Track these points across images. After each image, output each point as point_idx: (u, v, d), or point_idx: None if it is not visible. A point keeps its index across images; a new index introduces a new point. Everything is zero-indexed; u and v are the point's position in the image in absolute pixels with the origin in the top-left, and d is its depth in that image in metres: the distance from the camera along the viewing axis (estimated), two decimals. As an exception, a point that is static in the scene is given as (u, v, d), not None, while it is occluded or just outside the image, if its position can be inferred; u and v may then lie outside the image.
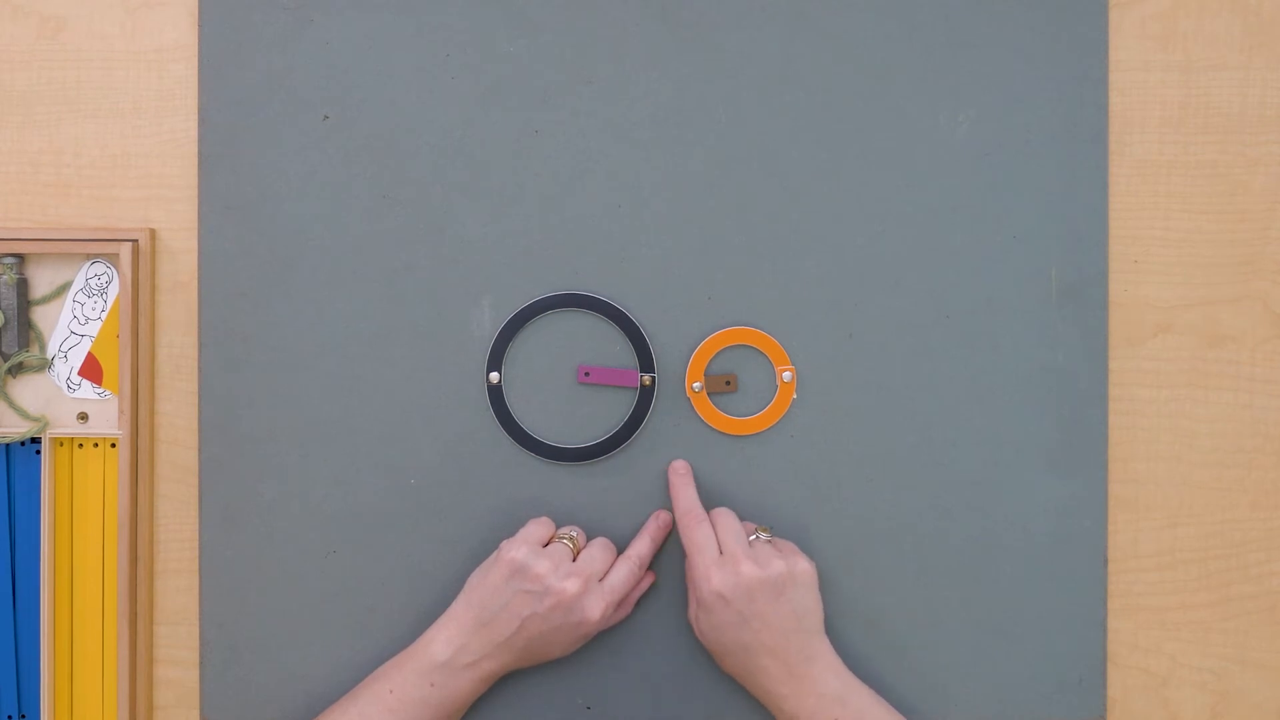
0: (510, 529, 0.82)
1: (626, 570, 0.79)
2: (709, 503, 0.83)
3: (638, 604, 0.83)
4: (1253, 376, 0.85)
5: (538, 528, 0.80)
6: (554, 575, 0.76)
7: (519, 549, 0.77)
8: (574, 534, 0.80)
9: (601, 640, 0.82)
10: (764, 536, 0.79)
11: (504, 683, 0.82)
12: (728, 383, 0.83)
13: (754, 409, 0.84)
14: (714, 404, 0.84)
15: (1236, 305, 0.85)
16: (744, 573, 0.76)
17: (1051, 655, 0.84)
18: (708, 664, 0.83)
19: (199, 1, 0.83)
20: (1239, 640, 0.85)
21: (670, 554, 0.83)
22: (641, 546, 0.81)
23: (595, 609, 0.77)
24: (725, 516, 0.80)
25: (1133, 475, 0.85)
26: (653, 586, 0.83)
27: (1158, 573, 0.85)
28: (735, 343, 0.83)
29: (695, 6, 0.84)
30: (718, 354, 0.83)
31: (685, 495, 0.80)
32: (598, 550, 0.79)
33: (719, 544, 0.78)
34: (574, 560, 0.78)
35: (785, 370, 0.83)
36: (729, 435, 0.83)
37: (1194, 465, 0.85)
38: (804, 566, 0.78)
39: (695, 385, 0.83)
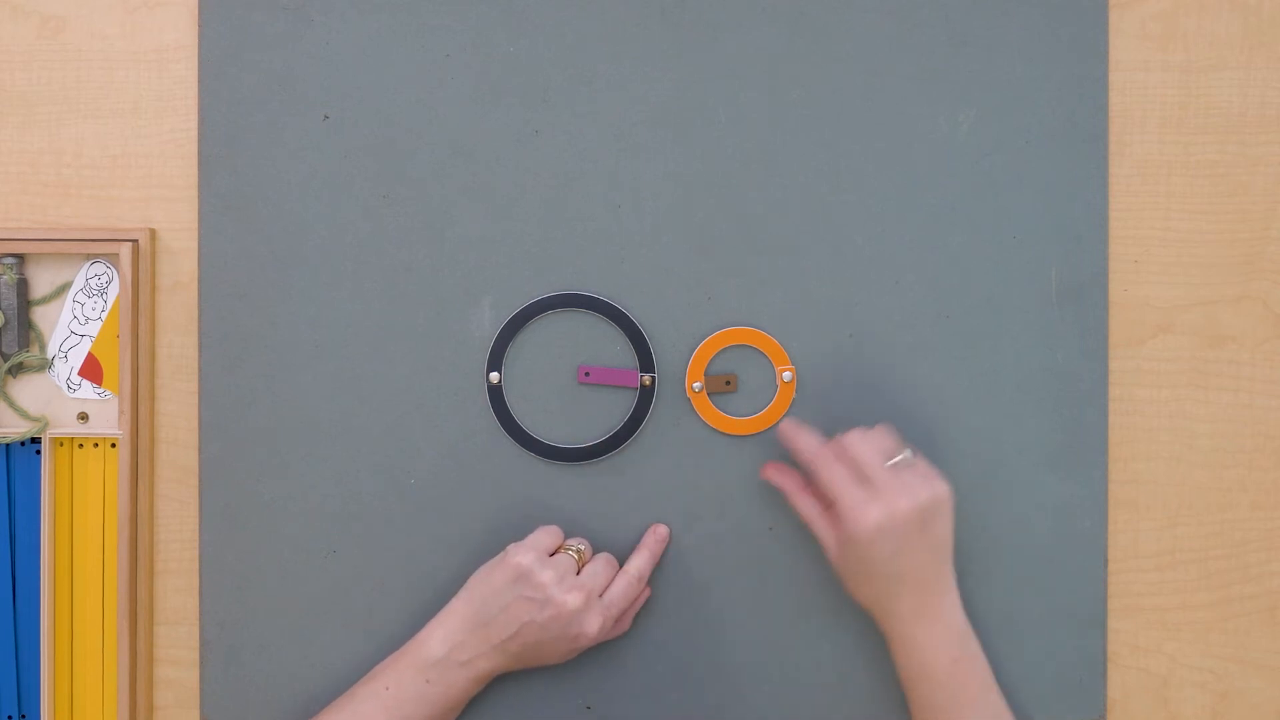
0: (510, 529, 0.82)
1: (625, 585, 0.79)
2: (707, 503, 0.83)
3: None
4: (1253, 376, 0.85)
5: (546, 536, 0.80)
6: (557, 586, 0.76)
7: (526, 554, 0.77)
8: (581, 546, 0.80)
9: (601, 642, 0.82)
10: (907, 456, 0.77)
11: (504, 683, 0.82)
12: (728, 383, 0.83)
13: (754, 409, 0.84)
14: (714, 404, 0.84)
15: (1236, 305, 0.85)
16: (899, 507, 0.74)
17: (1051, 655, 0.84)
18: (708, 664, 0.83)
19: (199, 1, 0.83)
20: (1239, 640, 0.85)
21: (666, 565, 0.83)
22: (640, 562, 0.81)
23: (593, 625, 0.77)
24: (863, 443, 0.77)
25: (1133, 475, 0.85)
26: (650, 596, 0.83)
27: (1158, 573, 0.85)
28: (735, 342, 0.83)
29: (695, 6, 0.84)
30: (718, 354, 0.83)
31: (806, 440, 0.78)
32: (601, 566, 0.79)
33: (863, 472, 0.76)
34: (578, 573, 0.78)
35: (785, 370, 0.83)
36: (729, 435, 0.83)
37: (1194, 465, 0.85)
38: (945, 490, 0.77)
39: (695, 385, 0.83)
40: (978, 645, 0.78)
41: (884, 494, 0.75)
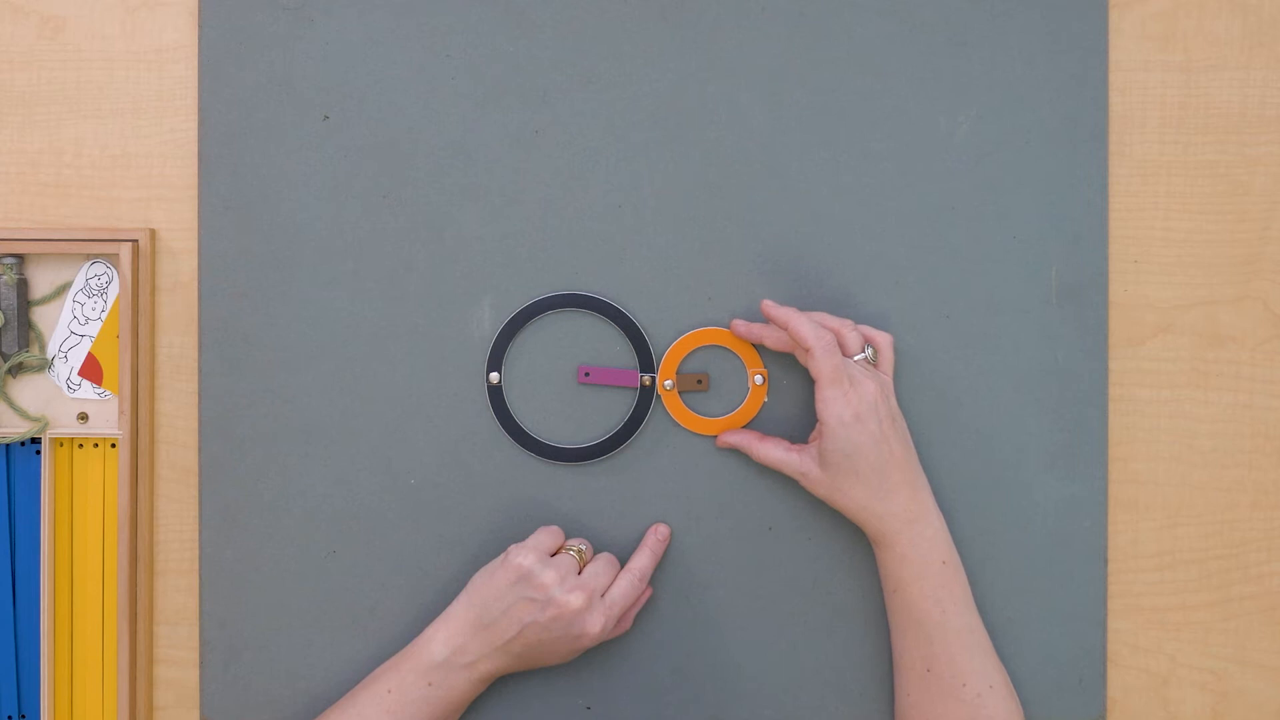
0: (510, 529, 0.82)
1: (627, 584, 0.79)
2: (707, 503, 0.83)
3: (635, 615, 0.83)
4: (1253, 376, 0.85)
5: (547, 536, 0.80)
6: (559, 586, 0.76)
7: (527, 556, 0.77)
8: (581, 546, 0.80)
9: (603, 641, 0.82)
10: (870, 354, 0.80)
11: (505, 683, 0.82)
12: (699, 381, 0.83)
13: (727, 409, 0.84)
14: (685, 403, 0.83)
15: (1236, 305, 0.85)
16: (869, 389, 0.76)
17: (1051, 655, 0.84)
18: (708, 664, 0.83)
19: (199, 1, 0.83)
20: (1239, 640, 0.85)
21: (666, 565, 0.83)
22: (642, 561, 0.81)
23: (595, 624, 0.77)
24: (834, 347, 0.78)
25: (1133, 475, 0.85)
26: (650, 597, 0.83)
27: (1158, 573, 0.85)
28: (707, 343, 0.83)
29: (695, 6, 0.84)
30: (692, 353, 0.83)
31: (804, 324, 0.78)
32: (602, 565, 0.79)
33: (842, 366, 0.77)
34: (579, 573, 0.78)
35: (757, 374, 0.83)
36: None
37: (1194, 465, 0.85)
38: (887, 379, 0.79)
39: (666, 384, 0.83)
40: (957, 552, 0.79)
41: (856, 380, 0.77)
